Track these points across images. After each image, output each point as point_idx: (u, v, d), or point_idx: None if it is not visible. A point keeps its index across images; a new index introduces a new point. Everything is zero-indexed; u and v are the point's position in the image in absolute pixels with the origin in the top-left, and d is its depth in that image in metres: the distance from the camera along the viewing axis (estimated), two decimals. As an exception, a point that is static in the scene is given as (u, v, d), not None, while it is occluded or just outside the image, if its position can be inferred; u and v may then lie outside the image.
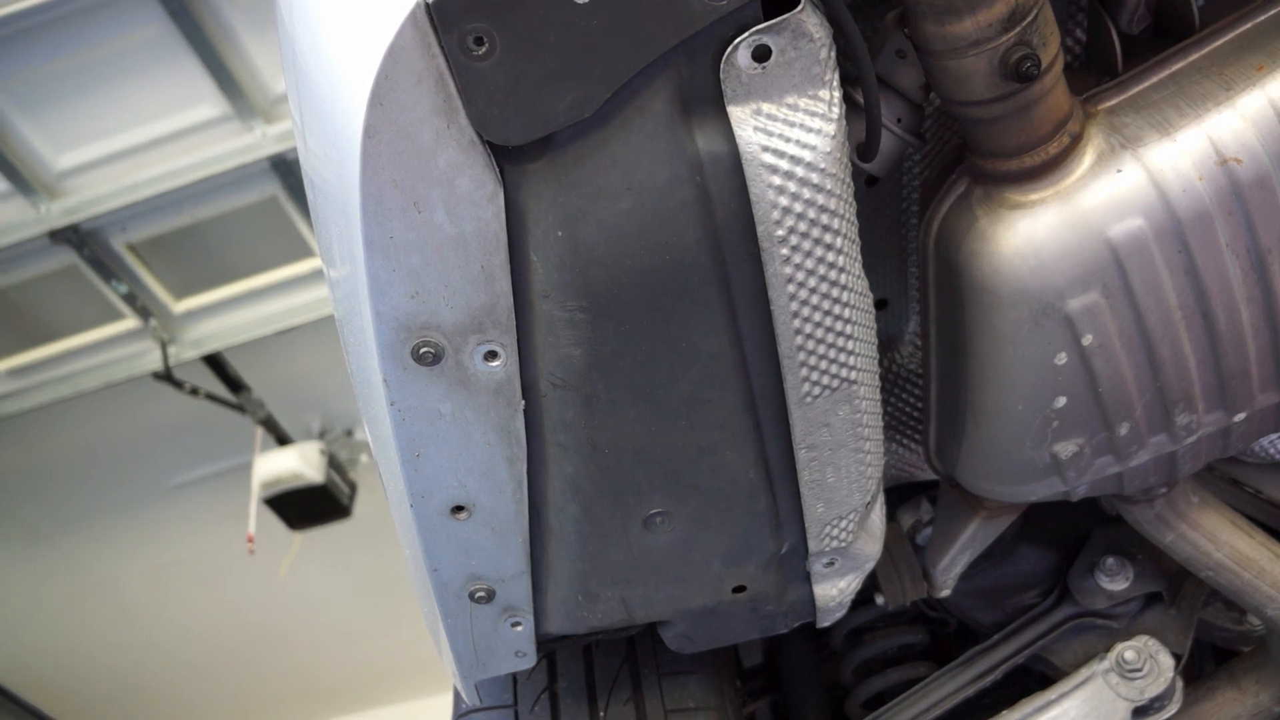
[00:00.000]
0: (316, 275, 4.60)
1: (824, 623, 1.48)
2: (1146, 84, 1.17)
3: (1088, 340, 1.18)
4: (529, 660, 1.40)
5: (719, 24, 0.94)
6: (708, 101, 0.98)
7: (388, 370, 1.07)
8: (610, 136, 0.98)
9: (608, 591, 1.34)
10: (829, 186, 1.00)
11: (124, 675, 6.69)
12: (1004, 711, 1.65)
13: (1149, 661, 1.63)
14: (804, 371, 1.11)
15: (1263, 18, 1.16)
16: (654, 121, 0.98)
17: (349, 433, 5.55)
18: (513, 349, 1.06)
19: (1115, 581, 1.74)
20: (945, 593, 1.71)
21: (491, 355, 1.06)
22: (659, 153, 0.99)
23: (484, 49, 0.90)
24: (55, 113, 4.14)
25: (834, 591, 1.41)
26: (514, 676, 1.63)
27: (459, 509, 1.20)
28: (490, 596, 1.30)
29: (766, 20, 0.94)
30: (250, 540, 5.15)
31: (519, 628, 1.35)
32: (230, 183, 4.29)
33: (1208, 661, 1.90)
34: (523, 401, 1.11)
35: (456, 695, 1.62)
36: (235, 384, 5.13)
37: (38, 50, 3.90)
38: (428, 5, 0.89)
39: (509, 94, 0.93)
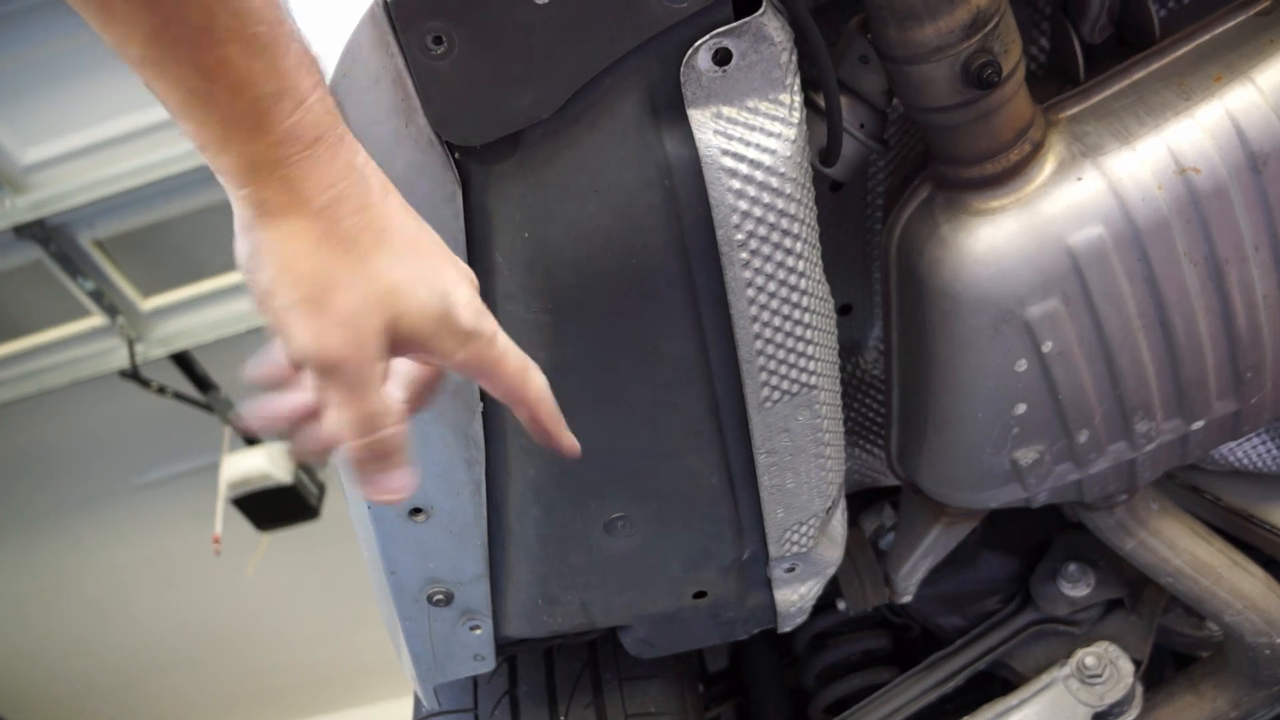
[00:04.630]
0: (286, 274, 4.54)
1: (785, 628, 1.48)
2: (1107, 93, 1.17)
3: (1047, 347, 1.19)
4: (488, 664, 1.40)
5: (684, 26, 0.94)
6: (675, 104, 0.98)
7: (345, 371, 1.06)
8: (579, 138, 0.97)
9: (568, 595, 1.33)
10: (788, 191, 1.00)
11: (86, 675, 6.62)
12: (965, 717, 1.66)
13: (1109, 667, 1.64)
14: (763, 376, 1.10)
15: (1222, 29, 1.17)
16: (623, 123, 0.98)
17: (318, 433, 5.51)
18: (471, 351, 1.06)
19: (1077, 588, 1.75)
20: (907, 598, 1.71)
21: (450, 357, 1.05)
22: (627, 155, 0.99)
23: (442, 49, 0.90)
24: (22, 106, 4.09)
25: (795, 597, 1.41)
26: (474, 680, 1.62)
27: (417, 511, 1.19)
28: (449, 599, 1.29)
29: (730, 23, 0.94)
30: (216, 541, 5.10)
31: (478, 631, 1.34)
32: (200, 180, 4.24)
33: (1167, 667, 1.91)
34: (481, 404, 1.10)
35: (416, 699, 1.61)
36: (203, 383, 5.08)
37: (3, 42, 3.86)
38: (386, 4, 0.89)
39: (468, 94, 0.92)
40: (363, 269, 0.74)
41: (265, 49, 0.68)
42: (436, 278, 0.78)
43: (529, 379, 0.85)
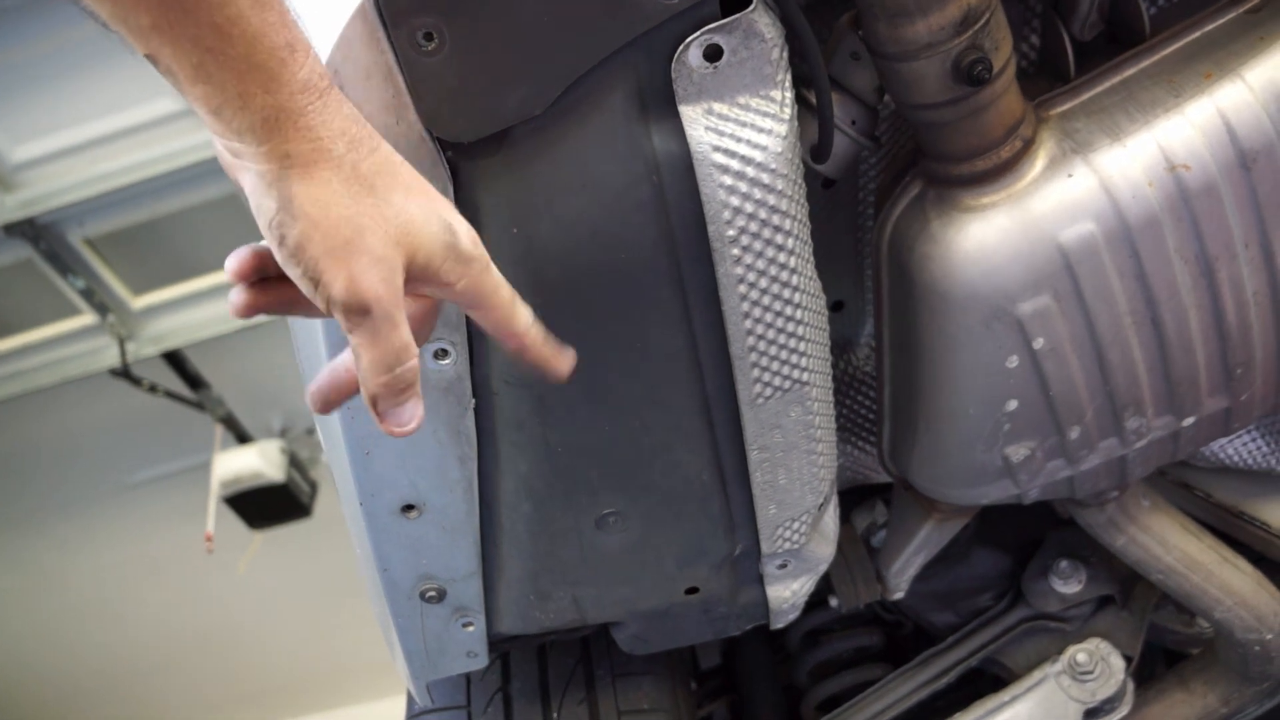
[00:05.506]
0: (278, 272, 4.53)
1: (777, 625, 1.48)
2: (1098, 90, 1.18)
3: (1039, 344, 1.19)
4: (481, 661, 1.39)
5: (674, 22, 0.94)
6: (664, 101, 0.98)
7: (336, 368, 1.06)
8: (567, 133, 0.97)
9: (560, 591, 1.33)
10: (780, 187, 1.00)
11: (78, 674, 6.60)
12: (957, 714, 1.66)
13: (1100, 664, 1.64)
14: (755, 372, 1.11)
15: (1212, 26, 1.17)
16: (611, 119, 0.98)
17: (310, 431, 5.50)
18: (463, 347, 1.06)
19: (1068, 584, 1.75)
20: (899, 595, 1.72)
21: (441, 354, 1.06)
22: (616, 151, 0.99)
23: (433, 44, 0.90)
24: (12, 104, 4.08)
25: (787, 593, 1.41)
26: (467, 677, 1.62)
27: (409, 508, 1.19)
28: (441, 596, 1.29)
29: (720, 20, 0.94)
30: (209, 539, 5.10)
31: (470, 628, 1.34)
32: (190, 178, 4.24)
33: (1158, 664, 1.92)
34: (473, 400, 1.10)
35: (409, 696, 1.61)
36: (195, 381, 5.07)
37: (-6, 40, 3.85)
38: (377, 0, 0.88)
39: (458, 90, 0.92)
40: (385, 209, 0.77)
41: (273, 2, 0.71)
42: (439, 209, 0.82)
43: (518, 309, 0.88)
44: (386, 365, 0.79)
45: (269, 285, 0.83)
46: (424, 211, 0.80)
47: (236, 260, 0.82)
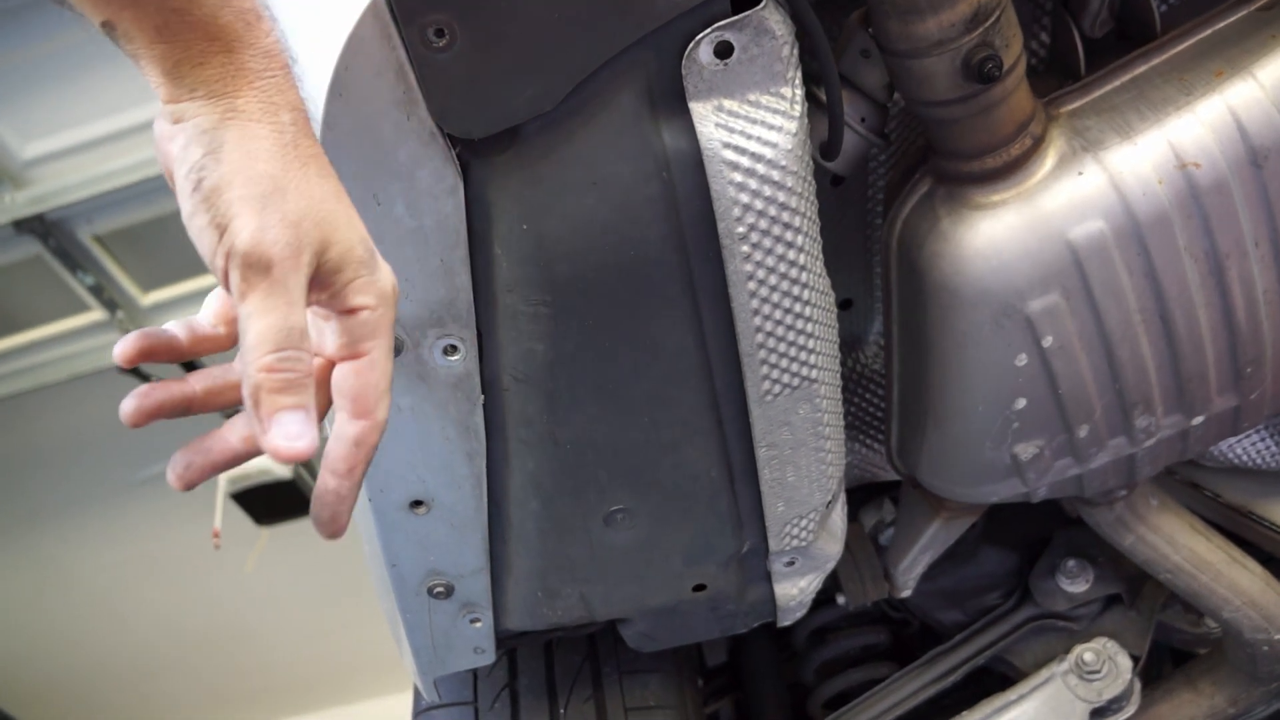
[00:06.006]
0: (286, 269, 4.54)
1: (784, 622, 1.48)
2: (1108, 87, 1.17)
3: (1048, 342, 1.19)
4: (488, 657, 1.40)
5: (684, 19, 0.94)
6: (674, 97, 0.98)
7: (345, 364, 1.06)
8: (577, 130, 0.98)
9: (568, 588, 1.33)
10: (790, 184, 1.00)
11: (86, 670, 6.62)
12: (964, 712, 1.66)
13: (1108, 663, 1.64)
14: (764, 369, 1.11)
15: (1223, 24, 1.17)
16: (621, 117, 0.98)
17: (318, 428, 5.51)
18: (472, 343, 1.06)
19: (1076, 583, 1.75)
20: (906, 593, 1.72)
21: (451, 349, 1.06)
22: (625, 148, 0.99)
23: (444, 41, 0.90)
24: (22, 102, 4.09)
25: (794, 591, 1.41)
26: (474, 673, 1.62)
27: (418, 504, 1.19)
28: (449, 592, 1.29)
29: (731, 17, 0.94)
30: (216, 535, 5.10)
31: (478, 624, 1.34)
32: (199, 176, 4.25)
33: (1165, 663, 1.91)
34: (482, 396, 1.11)
35: (417, 692, 1.61)
36: (203, 378, 5.08)
37: (4, 38, 3.85)
38: (388, -4, 0.89)
39: (469, 87, 0.92)
40: (312, 188, 0.75)
41: None
42: (365, 234, 0.78)
43: (388, 398, 0.80)
44: (276, 340, 0.71)
45: (157, 388, 0.79)
46: (349, 217, 0.77)
47: (122, 347, 0.77)
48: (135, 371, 4.73)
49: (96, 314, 4.74)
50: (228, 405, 0.82)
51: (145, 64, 0.73)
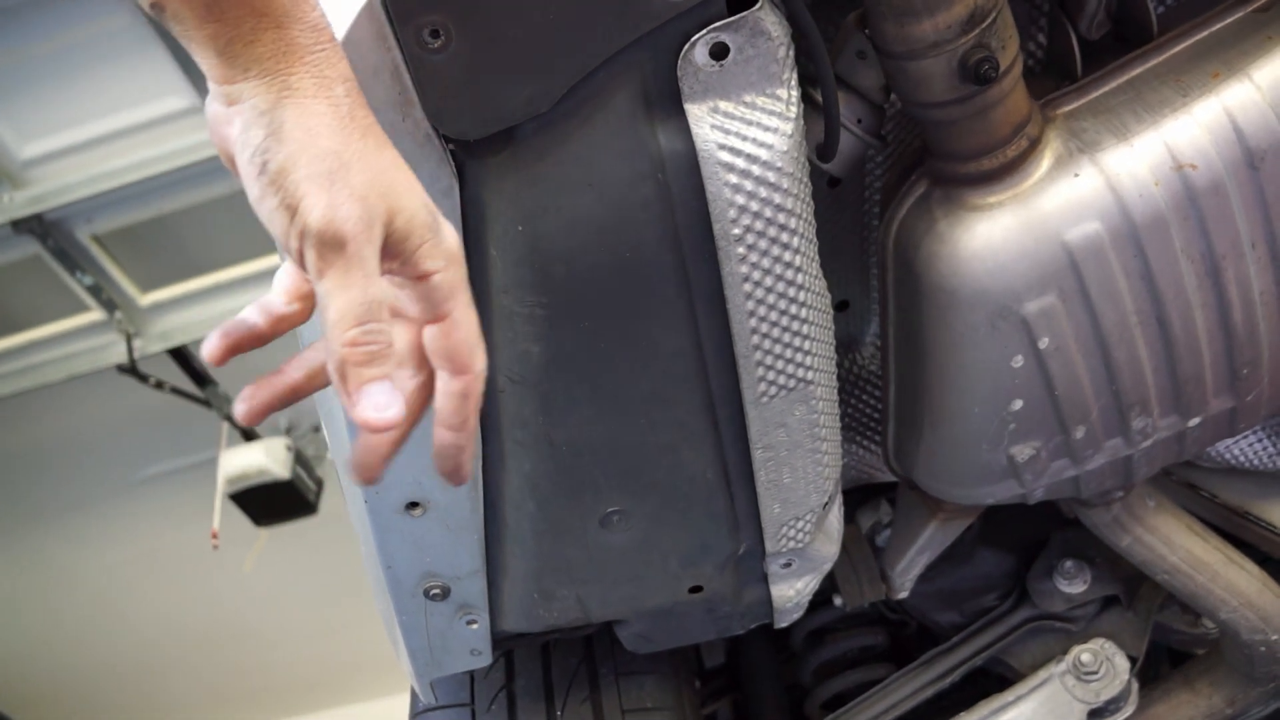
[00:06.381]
0: (284, 269, 4.53)
1: (781, 624, 1.48)
2: (1105, 89, 1.17)
3: (1044, 343, 1.19)
4: (485, 659, 1.40)
5: (680, 20, 0.94)
6: (670, 99, 0.98)
7: (341, 365, 1.06)
8: (572, 132, 0.98)
9: (564, 590, 1.33)
10: (785, 185, 1.00)
11: (84, 670, 6.62)
12: (962, 713, 1.66)
13: (1105, 664, 1.64)
14: (760, 371, 1.10)
15: (1219, 26, 1.17)
16: (616, 118, 0.98)
17: (316, 429, 5.51)
18: (468, 345, 1.06)
19: (1073, 584, 1.75)
20: (903, 594, 1.71)
21: (446, 351, 1.05)
22: (621, 149, 0.99)
23: (440, 42, 0.90)
24: (20, 101, 4.09)
25: (791, 592, 1.41)
26: (471, 675, 1.62)
27: (414, 505, 1.19)
28: (445, 594, 1.29)
29: (726, 18, 0.94)
30: (214, 536, 5.10)
31: (474, 625, 1.34)
32: (198, 175, 4.24)
33: (1163, 664, 1.91)
34: (478, 398, 1.10)
35: (414, 694, 1.61)
36: (201, 378, 5.08)
37: (2, 37, 3.85)
38: (383, -3, 0.89)
39: (465, 88, 0.92)
40: (373, 159, 0.76)
41: None
42: (425, 196, 0.79)
43: (483, 345, 0.82)
44: (357, 315, 0.73)
45: (263, 389, 0.81)
46: (410, 183, 0.78)
47: (210, 348, 0.79)
48: (133, 371, 4.73)
49: (95, 314, 4.74)
50: (324, 385, 0.83)
51: (196, 46, 0.73)
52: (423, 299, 0.80)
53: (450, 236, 0.80)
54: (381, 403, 0.74)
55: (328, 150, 0.73)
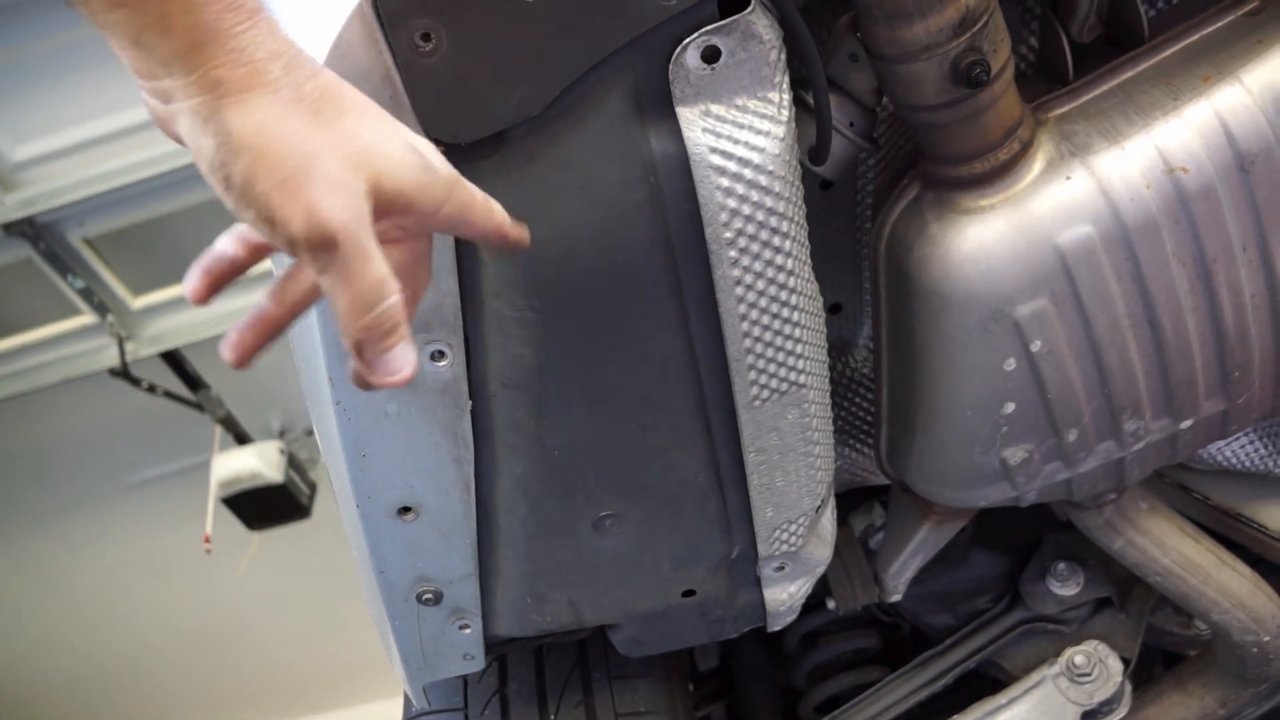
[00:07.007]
0: (277, 273, 4.53)
1: (774, 627, 1.48)
2: (1096, 92, 1.17)
3: (1036, 346, 1.19)
4: (478, 663, 1.39)
5: (672, 24, 0.94)
6: (661, 102, 0.98)
7: (333, 369, 1.06)
8: (563, 135, 0.97)
9: (556, 594, 1.33)
10: (777, 189, 1.00)
11: (77, 674, 6.60)
12: (955, 716, 1.65)
13: (1098, 666, 1.64)
14: (752, 375, 1.10)
15: (1210, 29, 1.17)
16: (608, 121, 0.97)
17: (309, 432, 5.50)
18: (459, 349, 1.06)
19: (1066, 587, 1.75)
20: (896, 597, 1.72)
21: (438, 355, 1.05)
22: (612, 153, 0.98)
23: (430, 46, 0.90)
24: (12, 103, 4.08)
25: (784, 596, 1.41)
26: (464, 679, 1.62)
27: (406, 510, 1.19)
28: (438, 598, 1.29)
29: (718, 21, 0.94)
30: (207, 540, 5.09)
31: (467, 630, 1.34)
32: (190, 178, 4.23)
33: (1156, 665, 1.92)
34: (470, 402, 1.10)
35: (407, 698, 1.60)
36: (194, 382, 5.07)
37: (-6, 39, 3.85)
38: (374, 1, 0.88)
39: (456, 92, 0.92)
40: (335, 133, 0.72)
41: None
42: (396, 130, 0.77)
43: (495, 209, 0.84)
44: (365, 304, 0.72)
45: (249, 331, 0.79)
46: (380, 134, 0.74)
47: (193, 287, 0.77)
48: (126, 375, 4.72)
49: (87, 317, 4.73)
50: (308, 307, 0.82)
51: (110, 36, 0.68)
52: (439, 227, 0.81)
53: (432, 156, 0.78)
54: (396, 364, 0.75)
55: (286, 148, 0.69)
